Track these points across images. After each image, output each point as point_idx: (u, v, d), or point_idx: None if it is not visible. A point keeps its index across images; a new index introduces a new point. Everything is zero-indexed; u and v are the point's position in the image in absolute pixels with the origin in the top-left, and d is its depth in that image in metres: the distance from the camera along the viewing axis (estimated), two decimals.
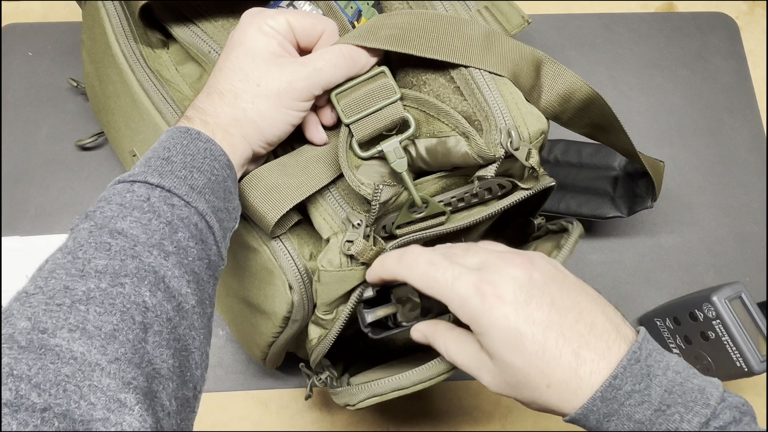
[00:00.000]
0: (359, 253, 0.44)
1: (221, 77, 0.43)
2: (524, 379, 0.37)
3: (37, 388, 0.28)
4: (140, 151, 0.55)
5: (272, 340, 0.51)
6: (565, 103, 0.48)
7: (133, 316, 0.32)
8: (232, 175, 0.41)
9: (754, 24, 0.78)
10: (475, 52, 0.45)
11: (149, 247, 0.35)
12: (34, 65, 0.72)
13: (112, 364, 0.30)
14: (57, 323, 0.30)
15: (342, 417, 0.61)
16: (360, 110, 0.44)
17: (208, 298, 0.39)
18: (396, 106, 0.44)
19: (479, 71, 0.45)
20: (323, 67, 0.43)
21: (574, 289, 0.39)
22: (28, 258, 0.63)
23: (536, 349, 0.36)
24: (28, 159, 0.68)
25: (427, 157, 0.45)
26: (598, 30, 0.77)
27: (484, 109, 0.44)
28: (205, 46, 0.50)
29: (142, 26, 0.51)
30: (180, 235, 0.37)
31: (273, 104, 0.42)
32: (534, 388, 0.37)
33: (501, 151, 0.43)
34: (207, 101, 0.43)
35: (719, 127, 0.73)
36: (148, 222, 0.36)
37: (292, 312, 0.48)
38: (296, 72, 0.43)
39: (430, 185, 0.47)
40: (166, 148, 0.39)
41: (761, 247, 0.68)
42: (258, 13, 0.44)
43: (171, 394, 0.33)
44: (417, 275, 0.40)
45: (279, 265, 0.46)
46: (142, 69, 0.52)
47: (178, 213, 0.37)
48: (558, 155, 0.64)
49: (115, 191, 0.37)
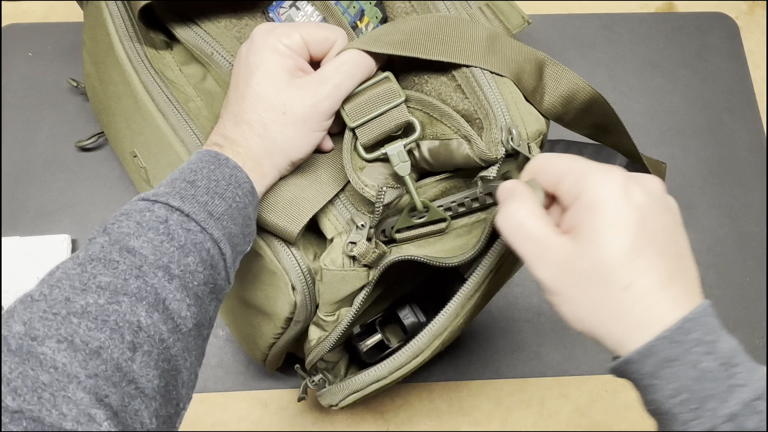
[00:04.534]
0: (362, 254, 0.44)
1: (246, 106, 0.43)
2: (608, 269, 0.34)
3: (13, 392, 0.29)
4: (141, 153, 0.55)
5: (273, 341, 0.51)
6: (568, 104, 0.48)
7: (123, 334, 0.33)
8: (254, 202, 0.42)
9: (754, 24, 0.78)
10: (479, 53, 0.45)
11: (156, 268, 0.36)
12: (34, 65, 0.72)
13: (90, 379, 0.31)
14: (48, 332, 0.32)
15: (342, 417, 0.61)
16: (364, 114, 0.44)
17: (207, 321, 0.39)
18: (400, 109, 0.44)
19: (481, 69, 0.45)
20: (341, 81, 0.43)
21: (681, 230, 0.37)
22: (28, 258, 0.63)
23: (638, 246, 0.34)
24: (28, 159, 0.68)
25: (430, 158, 0.45)
26: (598, 30, 0.77)
27: (484, 106, 0.44)
28: (208, 47, 0.50)
29: (144, 27, 0.51)
30: (190, 259, 0.37)
31: (301, 130, 0.43)
32: (610, 284, 0.34)
33: (502, 150, 0.43)
34: (237, 132, 0.43)
35: (719, 127, 0.73)
36: (160, 244, 0.37)
37: (294, 313, 0.48)
38: (318, 93, 0.43)
39: (431, 188, 0.47)
40: (193, 171, 0.40)
41: (761, 247, 0.68)
42: (271, 31, 0.44)
43: (153, 412, 0.34)
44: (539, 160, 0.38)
45: (282, 266, 0.46)
46: (146, 70, 0.52)
47: (192, 238, 0.38)
48: None
49: (136, 208, 0.38)
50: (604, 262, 0.34)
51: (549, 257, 0.36)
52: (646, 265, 0.34)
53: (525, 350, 0.63)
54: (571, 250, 0.35)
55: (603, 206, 0.35)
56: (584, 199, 0.35)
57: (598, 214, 0.35)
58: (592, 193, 0.35)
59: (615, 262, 0.34)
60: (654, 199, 0.36)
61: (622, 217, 0.34)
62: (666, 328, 0.33)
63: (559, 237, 0.36)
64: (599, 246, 0.34)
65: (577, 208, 0.36)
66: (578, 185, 0.36)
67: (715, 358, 0.33)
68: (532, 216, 0.36)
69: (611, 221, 0.34)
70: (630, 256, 0.34)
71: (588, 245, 0.35)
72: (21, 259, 0.63)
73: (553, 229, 0.36)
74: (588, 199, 0.35)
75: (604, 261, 0.34)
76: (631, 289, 0.34)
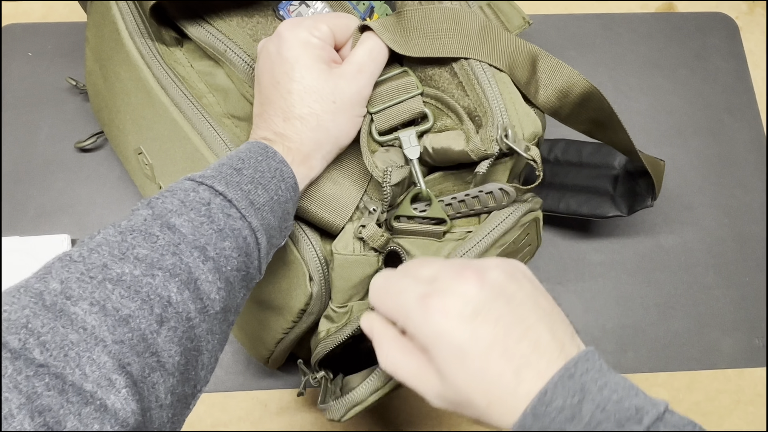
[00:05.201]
0: (370, 237, 0.46)
1: (294, 100, 0.44)
2: (467, 397, 0.36)
3: (42, 345, 0.30)
4: (149, 149, 0.55)
5: (282, 336, 0.51)
6: (564, 98, 0.48)
7: (153, 307, 0.34)
8: (294, 198, 0.43)
9: (754, 24, 0.78)
10: (472, 43, 0.46)
11: (192, 248, 0.37)
12: (34, 65, 0.72)
13: (116, 344, 0.32)
14: (83, 294, 0.33)
15: None
16: (384, 102, 0.47)
17: (234, 307, 0.40)
18: (417, 100, 0.47)
19: (480, 64, 0.46)
20: (376, 68, 0.46)
21: (524, 303, 0.37)
22: (28, 258, 0.63)
23: (479, 367, 0.36)
24: (28, 159, 0.68)
25: (432, 153, 0.47)
26: (598, 30, 0.77)
27: (483, 104, 0.45)
28: (221, 45, 0.50)
29: (156, 24, 0.52)
30: (226, 243, 0.38)
31: (349, 116, 0.45)
32: (476, 406, 0.36)
33: (495, 147, 0.44)
34: (288, 127, 0.44)
35: (719, 127, 0.73)
36: (200, 225, 0.37)
37: (309, 304, 0.48)
38: (358, 80, 0.45)
39: (431, 185, 0.48)
40: (241, 159, 0.41)
41: (761, 247, 0.68)
42: (298, 25, 0.45)
43: (169, 388, 0.34)
44: (372, 292, 0.41)
45: (301, 257, 0.47)
46: (159, 66, 0.52)
47: (231, 224, 0.39)
48: (558, 154, 0.64)
49: (182, 187, 0.39)
50: (462, 393, 0.36)
51: (427, 390, 0.38)
52: (493, 378, 0.35)
53: None
54: (438, 385, 0.37)
55: (434, 348, 0.37)
56: (418, 341, 0.38)
57: (435, 356, 0.37)
58: (421, 337, 0.37)
59: (469, 391, 0.36)
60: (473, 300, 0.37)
61: (453, 350, 0.36)
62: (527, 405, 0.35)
63: (427, 372, 0.38)
64: (450, 383, 0.37)
65: (418, 345, 0.38)
66: (407, 327, 0.38)
67: (578, 422, 0.34)
68: (403, 356, 0.39)
69: (447, 359, 0.36)
70: (476, 380, 0.36)
71: (444, 382, 0.37)
72: (21, 259, 0.63)
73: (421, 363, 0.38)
74: (421, 342, 0.37)
75: (462, 393, 0.36)
76: (492, 404, 0.36)
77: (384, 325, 0.41)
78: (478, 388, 0.36)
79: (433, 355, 0.37)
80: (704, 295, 0.66)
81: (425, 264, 0.40)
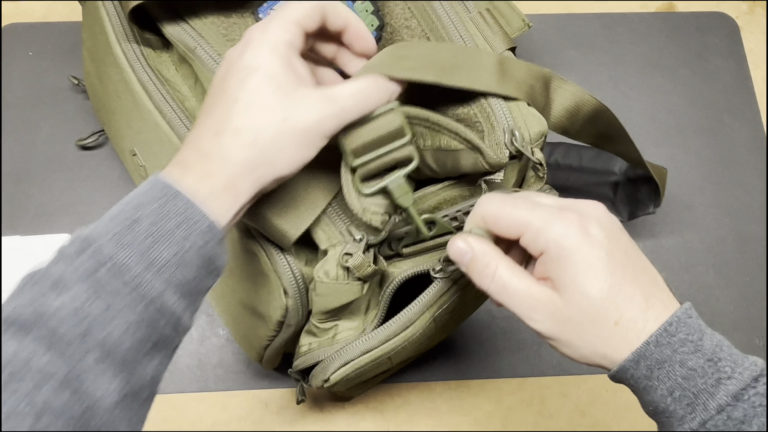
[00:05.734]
0: (356, 267, 0.43)
1: (237, 110, 0.37)
2: (595, 312, 0.37)
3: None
4: (140, 151, 0.55)
5: (267, 343, 0.51)
6: (573, 117, 0.48)
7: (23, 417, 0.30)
8: (215, 237, 0.36)
9: (754, 24, 0.78)
10: (494, 80, 0.45)
11: (73, 336, 0.32)
12: (34, 65, 0.72)
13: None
14: None
15: (342, 417, 0.61)
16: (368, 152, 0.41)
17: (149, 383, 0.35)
18: (406, 148, 0.41)
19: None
20: (352, 107, 0.39)
21: (633, 243, 0.39)
22: (28, 258, 0.63)
23: (615, 282, 0.37)
24: (28, 159, 0.68)
25: (435, 166, 0.45)
26: (598, 30, 0.77)
27: (485, 109, 0.44)
28: (191, 41, 0.48)
29: (139, 28, 0.51)
30: (117, 322, 0.33)
31: (297, 142, 0.38)
32: (600, 324, 0.37)
33: (506, 153, 0.43)
34: (215, 143, 0.37)
35: (719, 127, 0.73)
36: (82, 305, 0.33)
37: (286, 317, 0.48)
38: (324, 110, 0.38)
39: (433, 197, 0.46)
40: (139, 205, 0.35)
41: (761, 247, 0.68)
42: (266, 29, 0.39)
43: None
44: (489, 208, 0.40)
45: (275, 269, 0.46)
46: (142, 68, 0.52)
47: (124, 297, 0.33)
48: (558, 158, 0.64)
49: (68, 251, 0.34)
50: (591, 307, 0.37)
51: (539, 310, 0.38)
52: (626, 296, 0.37)
53: (525, 349, 0.63)
54: (557, 302, 0.37)
55: (572, 258, 0.37)
56: (551, 253, 0.37)
57: (570, 266, 0.37)
58: (557, 247, 0.37)
59: (600, 305, 0.37)
60: (608, 228, 0.38)
61: (592, 262, 0.37)
62: (651, 333, 0.36)
63: (542, 289, 0.38)
64: (581, 294, 0.37)
65: (547, 262, 0.38)
66: (540, 240, 0.38)
67: (701, 355, 0.36)
68: (512, 275, 0.38)
69: (583, 269, 0.37)
70: (611, 295, 0.37)
71: (571, 296, 0.37)
72: (21, 259, 0.63)
73: (533, 281, 0.38)
74: (555, 254, 0.37)
75: (590, 306, 0.37)
76: (621, 323, 0.37)
77: (490, 244, 0.40)
78: (612, 303, 0.36)
79: (563, 267, 0.37)
80: (704, 295, 0.66)
81: (543, 195, 0.41)
